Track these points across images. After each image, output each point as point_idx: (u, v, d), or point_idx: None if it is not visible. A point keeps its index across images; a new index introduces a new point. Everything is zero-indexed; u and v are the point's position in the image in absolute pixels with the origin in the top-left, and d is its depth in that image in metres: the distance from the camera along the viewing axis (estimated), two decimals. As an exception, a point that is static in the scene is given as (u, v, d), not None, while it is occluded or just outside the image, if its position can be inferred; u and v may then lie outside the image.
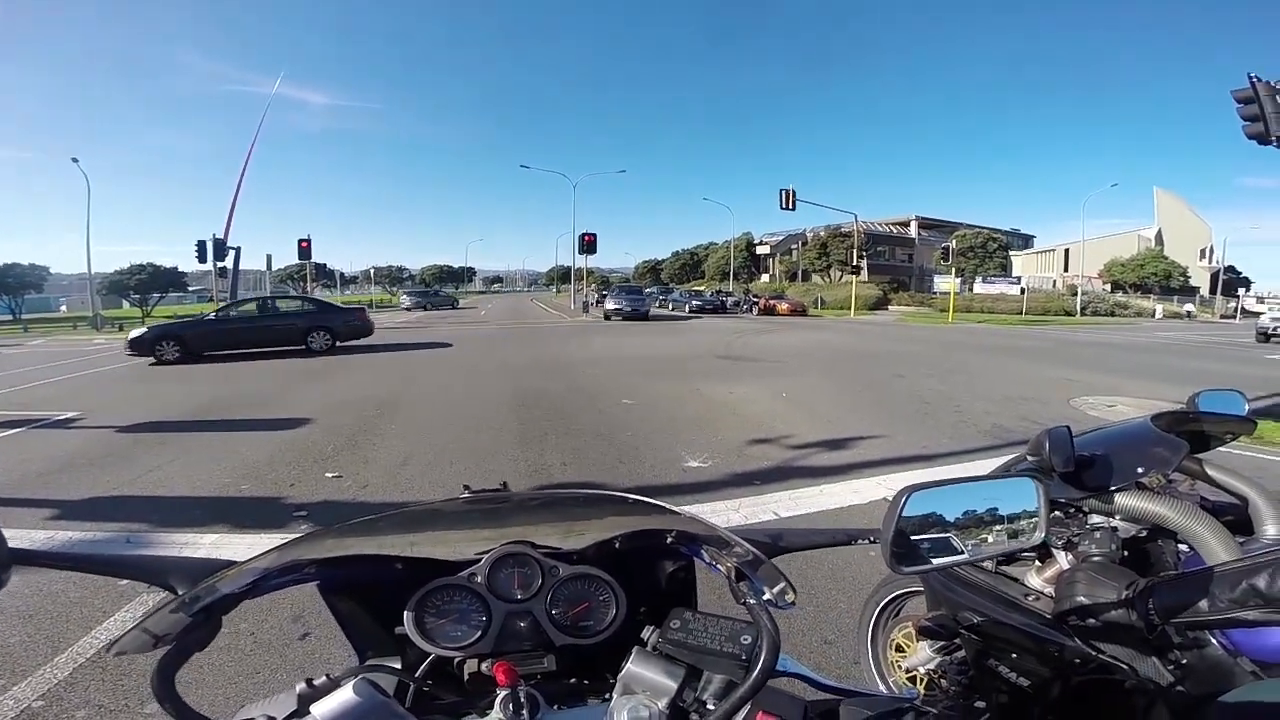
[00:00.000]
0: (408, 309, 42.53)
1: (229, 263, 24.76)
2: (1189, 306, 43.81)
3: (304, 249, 26.54)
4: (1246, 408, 1.59)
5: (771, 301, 34.72)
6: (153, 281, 38.56)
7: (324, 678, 0.64)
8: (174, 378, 10.51)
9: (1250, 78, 6.21)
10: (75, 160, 29.35)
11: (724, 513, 3.88)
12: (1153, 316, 40.74)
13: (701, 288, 52.25)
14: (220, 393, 8.66)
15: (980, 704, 1.38)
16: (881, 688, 1.97)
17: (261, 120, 32.24)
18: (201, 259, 23.25)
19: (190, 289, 47.13)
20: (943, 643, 1.50)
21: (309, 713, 0.59)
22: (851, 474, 4.73)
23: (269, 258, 31.69)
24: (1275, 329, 20.69)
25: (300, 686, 0.63)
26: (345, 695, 0.59)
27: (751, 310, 34.68)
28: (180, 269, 41.02)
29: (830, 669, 2.33)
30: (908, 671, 1.77)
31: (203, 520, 3.82)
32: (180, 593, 0.72)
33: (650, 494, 1.04)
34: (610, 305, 27.21)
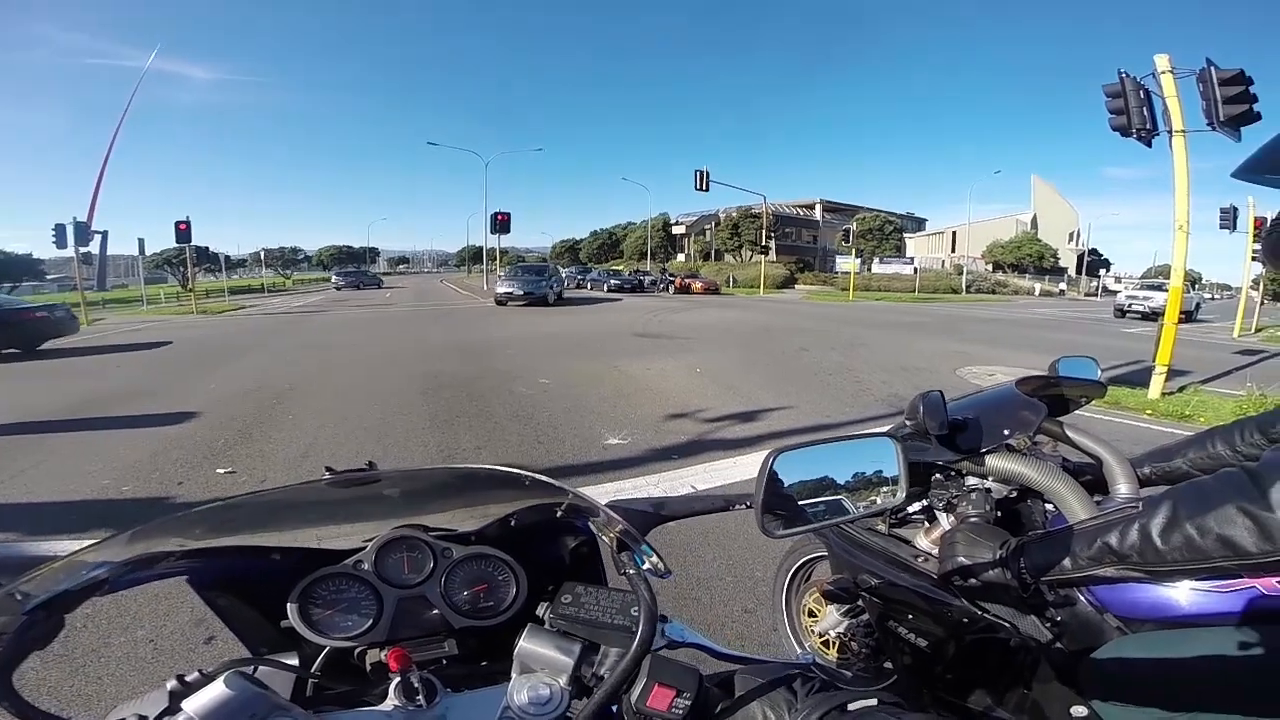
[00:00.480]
0: (338, 288, 44.31)
1: (94, 247, 22.27)
2: (1062, 286, 48.36)
3: (182, 231, 24.12)
4: (1100, 374, 1.69)
5: (687, 280, 35.32)
6: (2, 270, 34.23)
7: (196, 674, 0.61)
8: (34, 375, 9.42)
9: (1120, 74, 6.81)
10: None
11: (644, 488, 3.95)
12: (1032, 294, 44.59)
13: (620, 267, 52.29)
14: (89, 387, 7.85)
15: (888, 665, 1.44)
16: (798, 651, 2.03)
17: (131, 96, 29.23)
18: (61, 244, 20.72)
19: (49, 277, 42.14)
20: (847, 606, 1.56)
21: (180, 709, 0.57)
22: (762, 444, 4.93)
23: (141, 241, 28.64)
24: (1129, 306, 23.21)
25: (171, 683, 0.60)
26: (217, 689, 0.57)
27: (668, 289, 35.10)
28: (36, 256, 36.68)
29: (751, 638, 2.42)
30: (820, 635, 1.83)
31: (79, 526, 3.46)
32: (2, 584, 0.66)
33: (571, 473, 1.03)
34: (502, 289, 22.20)
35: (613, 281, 36.58)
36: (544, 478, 0.93)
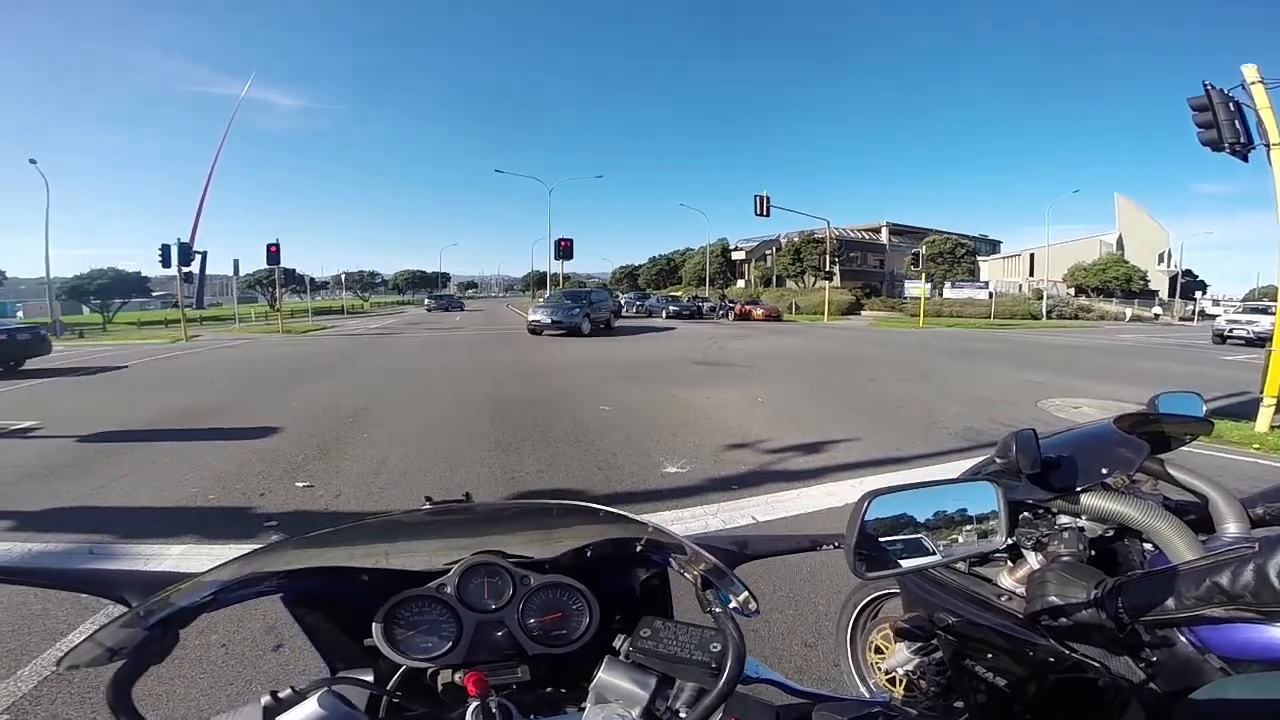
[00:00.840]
0: (430, 310, 51.25)
1: (195, 267, 24.13)
2: (1157, 310, 45.18)
3: (273, 253, 25.98)
4: (1204, 409, 1.62)
5: (747, 307, 34.95)
6: (114, 286, 37.57)
7: (289, 690, 0.63)
8: (137, 387, 10.22)
9: (1206, 86, 6.44)
10: (33, 161, 28.45)
11: (702, 517, 3.90)
12: (1121, 320, 41.94)
13: (678, 293, 52.53)
14: (185, 401, 8.44)
15: (959, 704, 1.40)
16: (861, 690, 1.98)
17: (230, 122, 31.41)
18: (166, 263, 22.59)
19: (154, 294, 45.91)
20: (920, 644, 1.52)
21: None
22: (826, 477, 4.79)
23: (236, 262, 30.93)
24: (1230, 331, 21.45)
25: (265, 699, 0.62)
26: (310, 708, 0.59)
27: (728, 315, 34.85)
28: (144, 274, 40.02)
29: (810, 672, 2.35)
30: (886, 673, 1.78)
31: (169, 531, 3.71)
32: (133, 605, 0.71)
33: (628, 500, 1.05)
34: (533, 317, 20.55)
35: (671, 308, 36.69)
36: (627, 514, 0.95)
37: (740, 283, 61.44)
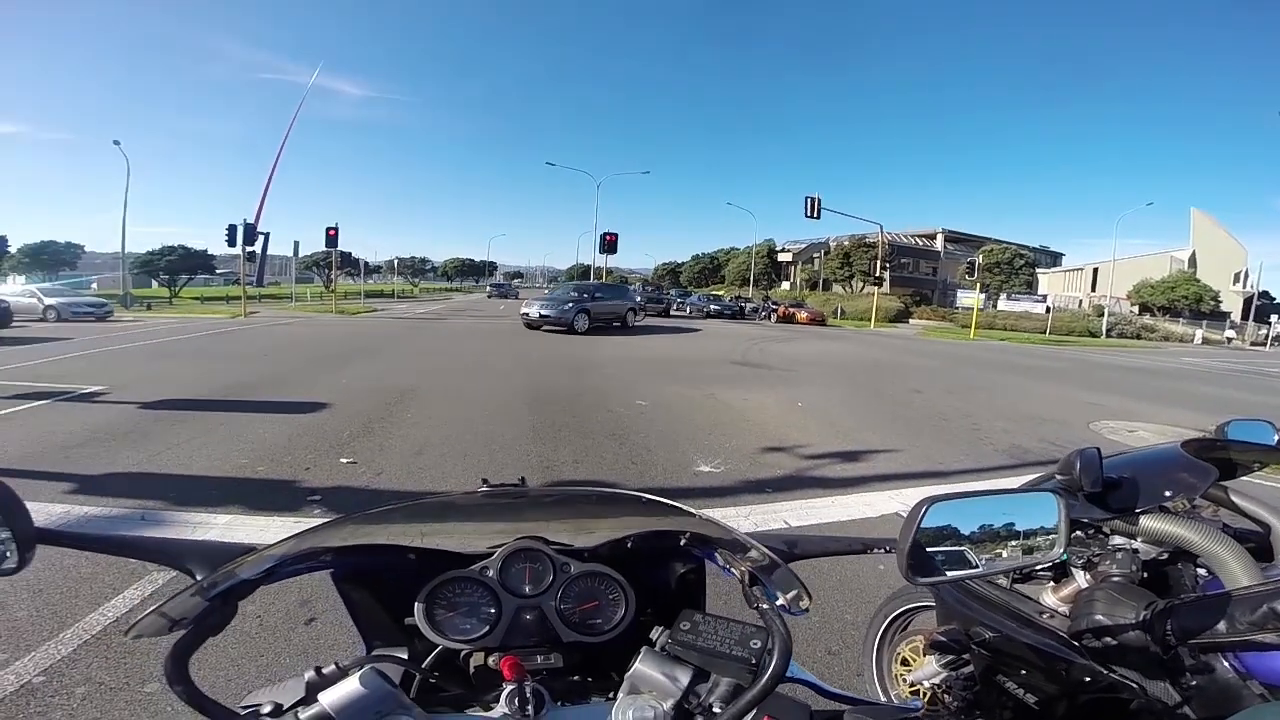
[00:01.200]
0: (490, 296, 58.60)
1: (258, 247, 25.12)
2: (1230, 333, 42.60)
3: (331, 236, 26.86)
4: (1276, 438, 1.58)
5: (790, 309, 34.43)
6: (182, 263, 39.41)
7: (333, 666, 0.64)
8: (200, 355, 10.70)
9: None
10: (117, 143, 30.04)
11: (733, 519, 3.86)
12: (1189, 341, 39.79)
13: (721, 292, 52.08)
14: (241, 374, 8.80)
15: None
16: (881, 698, 1.97)
17: (298, 109, 32.52)
18: (231, 243, 23.59)
19: (218, 271, 47.98)
20: (951, 657, 1.51)
21: (316, 700, 0.60)
22: (864, 486, 4.69)
23: (296, 244, 32.08)
24: None
25: (309, 674, 0.63)
26: (353, 685, 0.60)
27: (770, 317, 34.40)
28: (210, 252, 41.84)
29: (833, 679, 2.29)
30: (911, 685, 1.77)
31: (217, 500, 3.88)
32: (198, 577, 0.73)
33: (661, 496, 1.04)
34: (526, 310, 18.71)
35: (712, 307, 36.33)
36: (676, 504, 0.97)
37: (785, 284, 60.64)
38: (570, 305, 18.13)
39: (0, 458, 4.62)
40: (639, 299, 23.12)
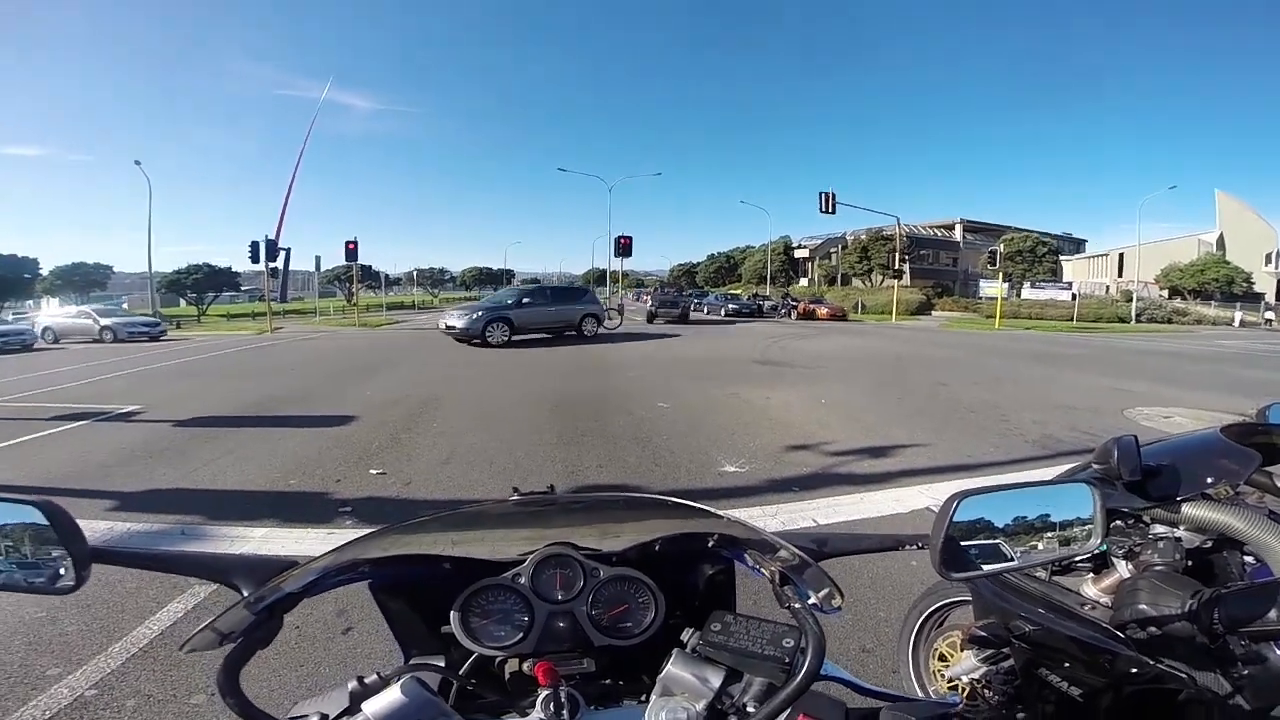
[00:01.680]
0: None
1: (280, 263, 25.61)
2: (1269, 315, 41.35)
3: (350, 250, 27.31)
4: None
5: (811, 305, 34.14)
6: (208, 281, 40.33)
7: (375, 676, 0.66)
8: (229, 372, 10.92)
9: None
10: (138, 163, 30.81)
11: (761, 519, 3.84)
12: (1230, 325, 38.67)
13: (738, 291, 51.93)
14: (270, 389, 8.97)
15: (1023, 715, 1.38)
16: (921, 697, 1.94)
17: (311, 124, 33.20)
18: (254, 259, 24.12)
19: (243, 288, 49.00)
20: (991, 651, 1.49)
21: (360, 710, 0.61)
22: (893, 482, 4.64)
23: (318, 259, 32.84)
24: None
25: (352, 684, 0.65)
26: (395, 694, 0.61)
27: (790, 314, 34.18)
28: (234, 269, 42.76)
29: (868, 677, 2.26)
30: (949, 681, 1.75)
31: (253, 514, 3.96)
32: (245, 592, 0.75)
33: (685, 498, 1.05)
34: (441, 320, 17.03)
35: (730, 306, 36.30)
36: (703, 507, 0.98)
37: (803, 281, 60.25)
38: (480, 315, 15.89)
39: (44, 477, 4.77)
40: (599, 304, 19.46)
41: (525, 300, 17.19)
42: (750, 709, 0.66)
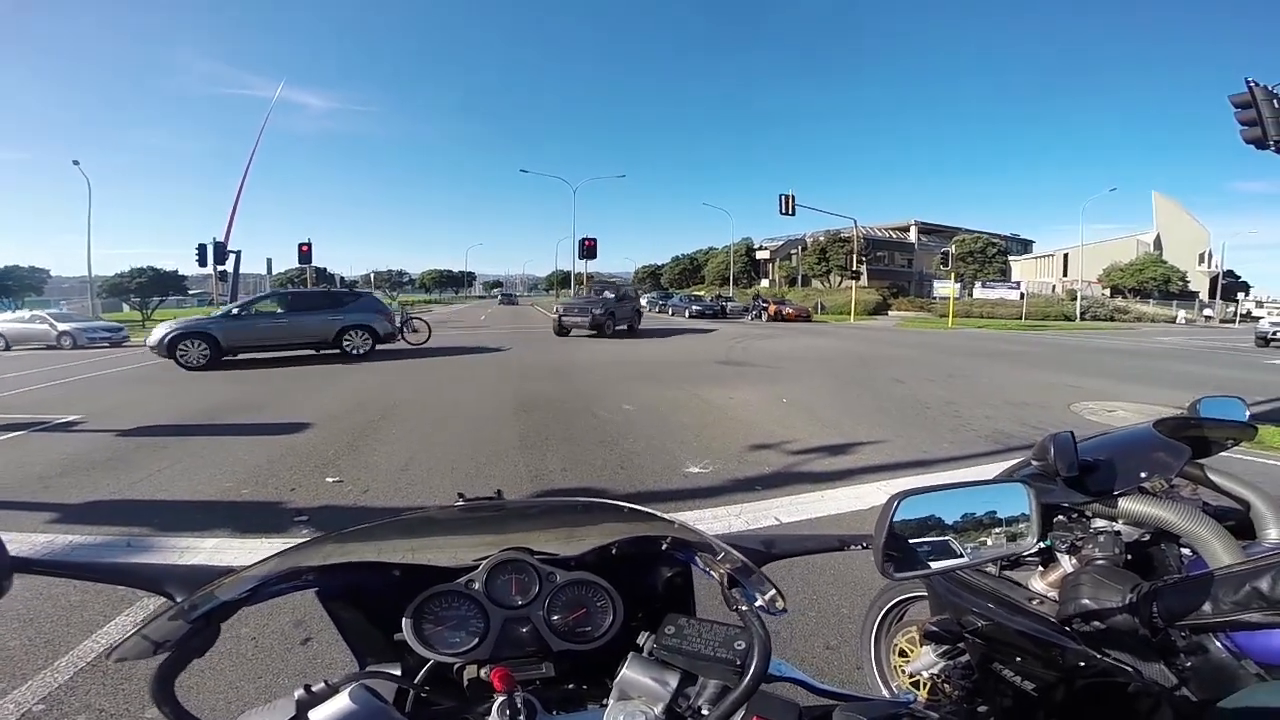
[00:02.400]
0: (500, 302, 68.17)
1: (229, 266, 24.76)
2: (1209, 311, 43.60)
3: (304, 253, 26.53)
4: (1248, 414, 1.59)
5: (778, 306, 34.51)
6: (153, 285, 38.55)
7: (322, 684, 0.64)
8: (176, 381, 10.50)
9: (1248, 82, 6.25)
10: (76, 163, 29.53)
11: (725, 518, 3.88)
12: (1172, 322, 40.62)
13: (701, 292, 52.30)
14: (222, 396, 8.66)
15: (983, 708, 1.40)
16: (884, 692, 1.98)
17: (263, 125, 32.46)
18: (202, 263, 23.29)
19: (190, 292, 47.13)
20: (947, 646, 1.52)
21: (307, 718, 0.60)
22: (852, 479, 4.74)
23: (269, 261, 31.91)
24: (1275, 334, 20.73)
25: (299, 693, 0.63)
26: (343, 702, 0.60)
27: (761, 316, 34.49)
28: (180, 272, 41.06)
29: (833, 674, 2.34)
30: (911, 676, 1.78)
31: (203, 525, 3.81)
32: (179, 600, 0.72)
33: (651, 500, 1.06)
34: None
35: (694, 307, 36.68)
36: (654, 512, 0.98)
37: (764, 282, 61.03)
38: (173, 331, 12.19)
39: (-26, 493, 4.50)
40: (381, 312, 14.64)
41: (243, 311, 13.57)
42: (705, 711, 0.67)
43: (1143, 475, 1.26)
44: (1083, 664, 1.13)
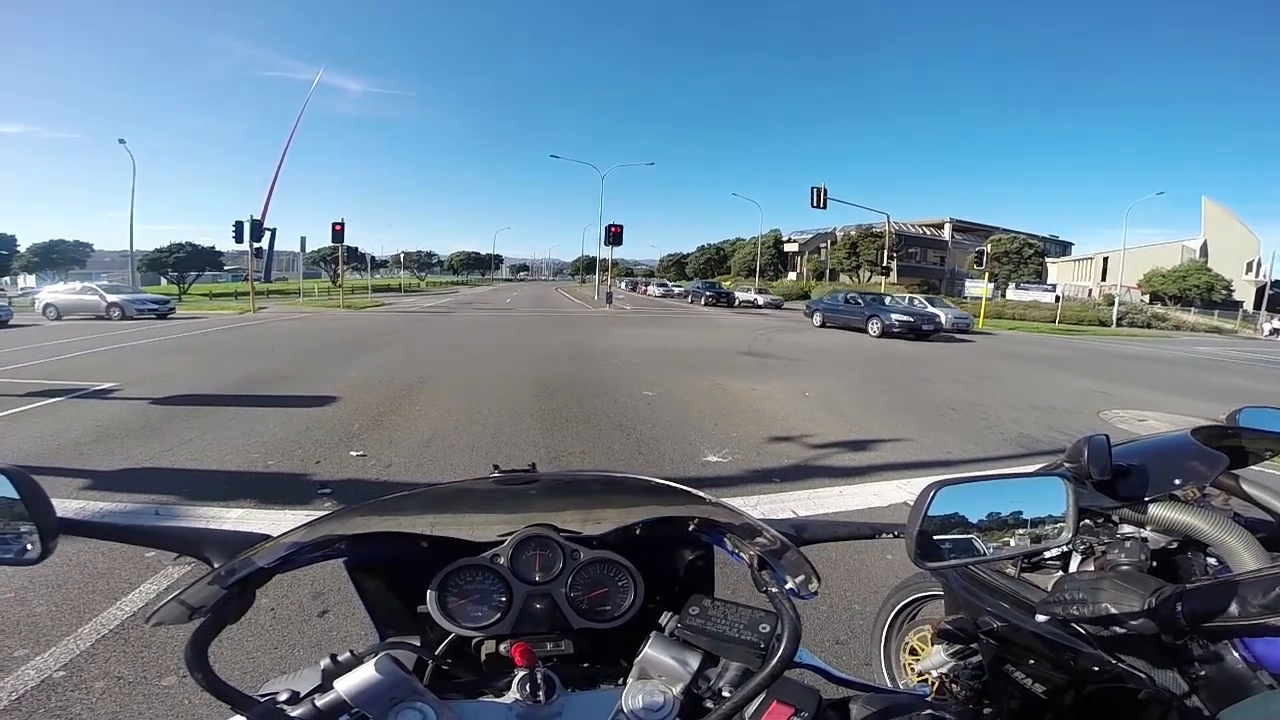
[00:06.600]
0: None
1: (265, 243, 25.22)
2: (1277, 323, 41.34)
3: (337, 232, 26.95)
4: None
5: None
6: (191, 260, 39.55)
7: (348, 654, 0.65)
8: (210, 350, 10.77)
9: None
10: (122, 141, 30.15)
11: (741, 509, 3.86)
12: (1221, 333, 39.13)
13: (728, 283, 52.01)
14: (251, 368, 8.86)
15: (989, 710, 1.39)
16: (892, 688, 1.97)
17: (303, 108, 32.88)
18: (238, 239, 23.73)
19: (226, 268, 48.18)
20: (959, 646, 1.51)
21: (332, 688, 0.60)
22: (872, 476, 4.68)
23: (303, 240, 32.56)
24: None
25: (324, 662, 0.64)
26: (368, 671, 0.60)
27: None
28: (218, 249, 41.99)
29: (841, 668, 2.32)
30: (920, 674, 1.76)
31: (230, 494, 3.91)
32: (215, 565, 0.73)
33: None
34: None
35: (707, 294, 37.49)
36: (689, 489, 0.97)
37: (792, 275, 60.39)
38: None
39: (15, 455, 4.68)
40: None
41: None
42: (726, 693, 0.66)
43: (1177, 482, 1.24)
44: (1095, 669, 1.12)
